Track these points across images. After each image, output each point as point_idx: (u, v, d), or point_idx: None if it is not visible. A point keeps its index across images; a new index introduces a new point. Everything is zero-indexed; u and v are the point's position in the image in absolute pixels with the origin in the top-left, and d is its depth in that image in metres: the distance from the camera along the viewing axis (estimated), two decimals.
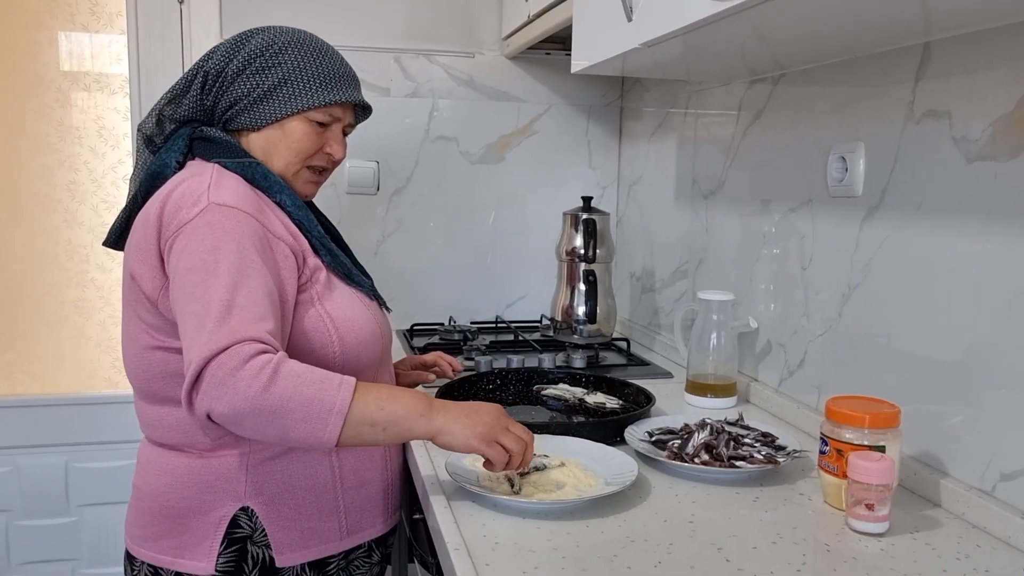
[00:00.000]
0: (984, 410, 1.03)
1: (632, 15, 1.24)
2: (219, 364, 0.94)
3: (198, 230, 1.05)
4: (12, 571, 2.12)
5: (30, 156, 2.07)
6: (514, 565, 0.88)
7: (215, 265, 1.02)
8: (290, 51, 1.19)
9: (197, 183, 1.11)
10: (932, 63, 1.11)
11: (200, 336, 0.97)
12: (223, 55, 1.19)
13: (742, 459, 1.17)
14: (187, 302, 1.01)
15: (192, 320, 0.99)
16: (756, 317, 1.56)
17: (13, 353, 2.14)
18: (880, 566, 0.90)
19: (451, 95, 2.18)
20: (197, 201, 1.08)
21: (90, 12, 2.05)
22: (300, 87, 1.18)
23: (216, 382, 0.94)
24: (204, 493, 1.13)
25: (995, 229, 1.01)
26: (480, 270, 2.26)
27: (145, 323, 1.13)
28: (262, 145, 1.20)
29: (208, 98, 1.19)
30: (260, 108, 1.18)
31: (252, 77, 1.18)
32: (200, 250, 1.04)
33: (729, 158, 1.67)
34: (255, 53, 1.18)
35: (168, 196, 1.10)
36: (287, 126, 1.19)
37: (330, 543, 1.18)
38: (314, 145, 1.21)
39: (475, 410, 1.06)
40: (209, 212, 1.07)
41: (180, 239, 1.06)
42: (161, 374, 1.13)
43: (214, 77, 1.18)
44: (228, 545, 1.13)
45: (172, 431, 1.15)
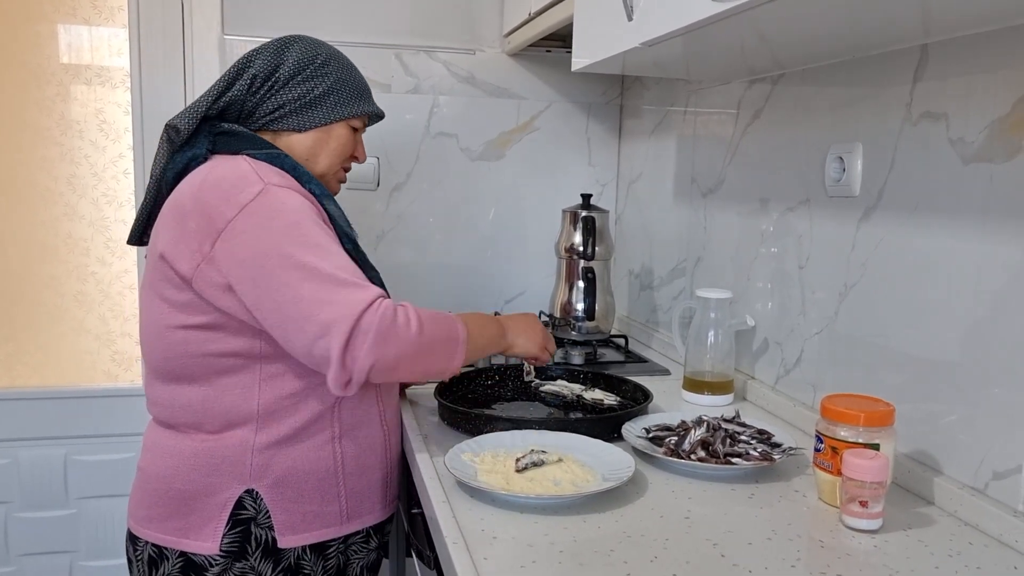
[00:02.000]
0: (978, 409, 1.04)
1: (632, 14, 1.24)
2: (376, 319, 1.05)
3: (268, 208, 1.11)
4: (11, 563, 2.13)
5: (31, 149, 2.07)
6: (511, 559, 0.89)
7: (306, 238, 1.10)
8: (333, 63, 1.30)
9: (236, 168, 1.15)
10: (930, 65, 1.12)
11: (333, 301, 1.05)
12: (267, 60, 1.26)
13: (738, 456, 1.18)
14: (289, 274, 1.07)
15: (307, 289, 1.06)
16: (753, 315, 1.57)
17: (13, 345, 2.15)
18: (873, 562, 0.91)
19: (452, 92, 2.18)
20: (252, 183, 1.13)
21: (91, 6, 2.05)
22: (345, 96, 1.30)
23: (380, 335, 1.05)
24: (210, 475, 1.17)
25: (990, 230, 1.02)
26: (479, 266, 2.27)
27: (170, 302, 1.15)
28: (308, 146, 1.28)
29: (254, 98, 1.25)
30: (310, 112, 1.27)
31: (303, 83, 1.26)
32: (282, 226, 1.10)
33: (728, 157, 1.68)
34: (304, 62, 1.27)
35: (203, 181, 1.14)
36: (334, 130, 1.30)
37: (331, 527, 1.22)
38: (351, 148, 1.34)
39: (528, 326, 1.37)
40: (270, 193, 1.12)
41: (247, 219, 1.10)
42: (181, 353, 1.16)
43: (263, 79, 1.25)
44: (233, 526, 1.17)
45: (183, 411, 1.18)
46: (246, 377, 1.17)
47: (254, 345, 1.16)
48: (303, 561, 1.19)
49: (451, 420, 1.35)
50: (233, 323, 1.14)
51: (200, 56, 2.04)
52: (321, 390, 1.19)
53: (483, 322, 1.27)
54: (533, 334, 1.36)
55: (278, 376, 1.17)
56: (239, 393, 1.17)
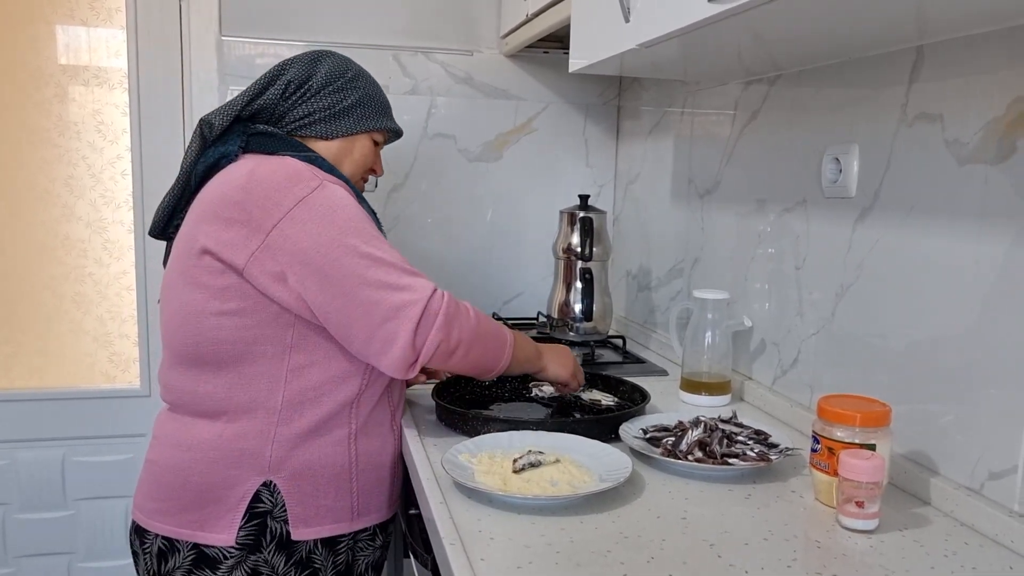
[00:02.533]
0: (974, 410, 1.04)
1: (629, 16, 1.25)
2: (442, 304, 1.15)
3: (328, 202, 1.16)
4: (9, 564, 2.12)
5: (29, 150, 2.07)
6: (509, 560, 0.89)
7: (366, 231, 1.17)
8: (362, 79, 1.36)
9: (283, 164, 1.20)
10: (925, 66, 1.12)
11: (402, 286, 1.14)
12: (301, 69, 1.31)
13: (735, 456, 1.18)
14: (357, 260, 1.14)
15: (375, 274, 1.13)
16: (750, 316, 1.57)
17: (11, 347, 2.15)
18: (869, 563, 0.91)
19: (449, 93, 2.19)
20: (309, 177, 1.18)
21: (89, 7, 2.05)
22: (371, 111, 1.36)
23: (449, 317, 1.15)
24: (229, 468, 1.19)
25: (986, 231, 1.02)
26: (477, 267, 2.27)
27: (208, 289, 1.18)
28: (333, 154, 1.33)
29: (285, 103, 1.30)
30: (337, 121, 1.32)
31: (334, 94, 1.32)
32: (342, 219, 1.16)
33: (725, 158, 1.68)
34: (336, 74, 1.33)
35: (252, 174, 1.18)
36: (358, 141, 1.36)
37: (342, 522, 1.24)
38: (371, 160, 1.40)
39: (560, 352, 1.41)
40: (327, 188, 1.18)
41: (305, 211, 1.15)
42: (213, 339, 1.19)
43: (296, 86, 1.30)
44: (250, 519, 1.19)
45: (205, 399, 1.20)
46: (274, 367, 1.19)
47: (286, 335, 1.19)
48: (314, 555, 1.21)
49: (449, 421, 1.35)
50: (270, 311, 1.17)
51: (198, 57, 2.04)
52: (343, 386, 1.22)
53: (524, 338, 1.34)
54: (567, 362, 1.40)
55: (304, 368, 1.20)
56: (265, 383, 1.19)
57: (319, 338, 1.20)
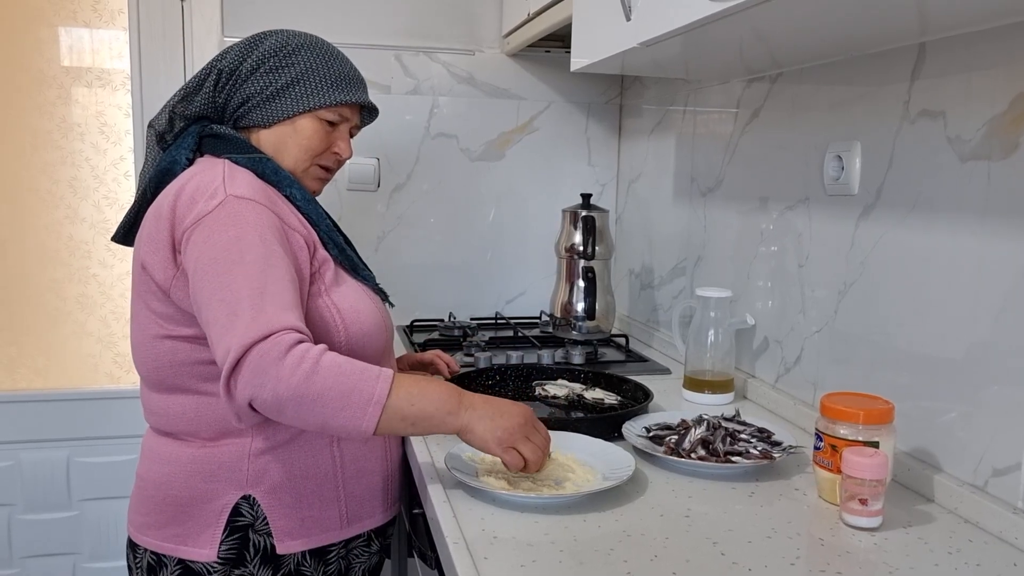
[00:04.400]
0: (977, 406, 1.04)
1: (631, 15, 1.25)
2: (261, 352, 0.97)
3: (219, 221, 1.07)
4: (14, 564, 2.13)
5: (32, 152, 2.08)
6: (512, 559, 0.90)
7: (240, 255, 1.04)
8: (303, 52, 1.23)
9: (210, 177, 1.13)
10: (927, 63, 1.12)
11: (235, 325, 0.99)
12: (237, 54, 1.22)
13: (738, 454, 1.18)
14: (214, 291, 1.03)
15: (222, 308, 1.01)
16: (753, 314, 1.57)
17: (15, 348, 2.15)
18: (873, 560, 0.91)
19: (451, 92, 2.19)
20: (215, 193, 1.10)
21: (92, 9, 2.06)
22: (312, 86, 1.22)
23: (260, 370, 0.97)
24: (207, 482, 1.15)
25: (989, 228, 1.02)
26: (480, 267, 2.27)
27: (155, 313, 1.14)
28: (273, 142, 1.23)
29: (220, 95, 1.22)
30: (272, 105, 1.21)
31: (265, 75, 1.21)
32: (223, 240, 1.06)
33: (727, 156, 1.68)
34: (268, 53, 1.21)
35: (181, 189, 1.12)
36: (298, 123, 1.22)
37: (330, 532, 1.20)
38: (323, 143, 1.25)
39: (501, 412, 1.07)
40: (228, 204, 1.09)
41: (200, 230, 1.07)
42: (170, 363, 1.14)
43: (227, 75, 1.21)
44: (230, 533, 1.15)
45: (177, 420, 1.17)
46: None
47: None
48: (303, 567, 1.18)
49: None
50: None
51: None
52: None
53: (427, 391, 1.04)
54: (502, 421, 1.06)
55: None
56: None
57: None
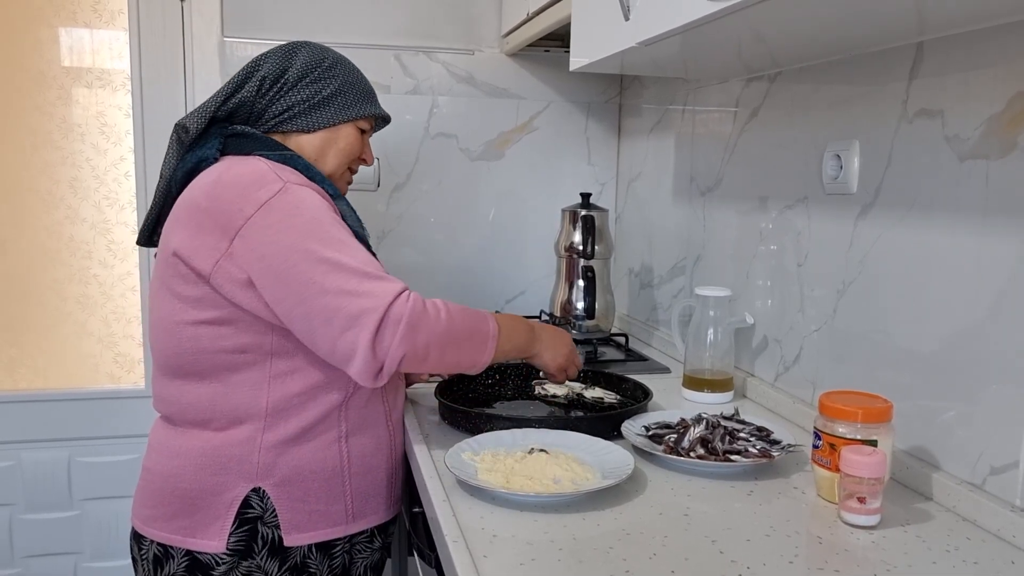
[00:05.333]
0: (975, 405, 1.04)
1: (629, 14, 1.25)
2: (405, 310, 1.08)
3: (289, 206, 1.13)
4: (16, 564, 2.14)
5: (33, 153, 2.08)
6: (511, 557, 0.90)
7: (327, 234, 1.12)
8: (340, 67, 1.33)
9: (251, 166, 1.17)
10: (925, 62, 1.12)
11: (361, 292, 1.07)
12: (276, 63, 1.28)
13: (737, 453, 1.18)
14: (315, 268, 1.09)
15: (334, 281, 1.08)
16: (753, 313, 1.57)
17: (16, 349, 2.16)
18: (871, 558, 0.92)
19: (451, 92, 2.19)
20: (271, 180, 1.15)
21: (92, 10, 2.06)
22: (352, 98, 1.32)
23: (412, 324, 1.08)
24: (218, 474, 1.18)
25: (987, 227, 1.02)
26: (480, 266, 2.27)
27: (183, 299, 1.16)
28: (317, 146, 1.30)
29: (262, 100, 1.28)
30: (318, 113, 1.29)
31: (311, 85, 1.29)
32: (303, 223, 1.12)
33: (727, 155, 1.68)
34: (311, 64, 1.29)
35: (218, 179, 1.16)
36: (341, 131, 1.32)
37: (336, 526, 1.23)
38: (358, 149, 1.36)
39: (559, 342, 1.36)
40: (290, 190, 1.15)
41: (268, 216, 1.12)
42: (192, 350, 1.17)
43: (272, 81, 1.27)
44: (239, 525, 1.18)
45: (191, 409, 1.19)
46: (256, 374, 1.18)
47: (265, 342, 1.17)
48: (309, 560, 1.20)
49: (451, 419, 1.36)
50: (246, 319, 1.16)
51: (200, 58, 2.05)
52: (329, 389, 1.20)
53: (515, 324, 1.28)
54: (561, 349, 1.36)
55: (288, 374, 1.19)
56: (248, 391, 1.18)
57: (300, 343, 1.16)
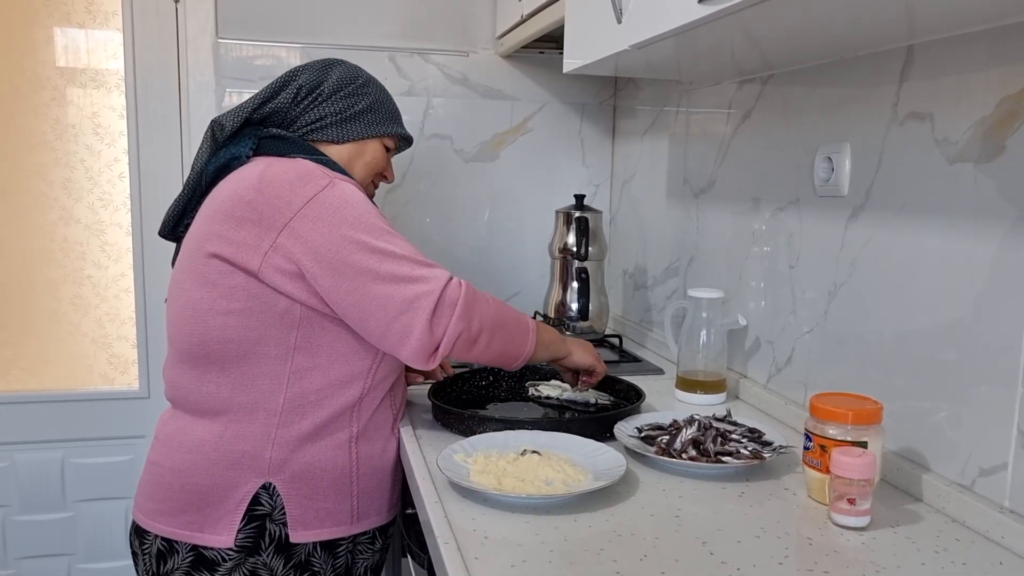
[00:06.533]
0: (965, 407, 1.05)
1: (622, 17, 1.25)
2: (458, 293, 1.15)
3: (338, 199, 1.17)
4: (9, 566, 2.13)
5: (27, 154, 2.08)
6: (502, 559, 0.90)
7: (376, 227, 1.17)
8: (372, 86, 1.39)
9: (295, 164, 1.22)
10: (915, 65, 1.13)
11: (416, 278, 1.14)
12: (313, 75, 1.34)
13: (729, 455, 1.18)
14: (369, 256, 1.14)
15: (388, 268, 1.14)
16: (745, 314, 1.57)
17: (10, 350, 2.15)
18: (861, 559, 0.92)
19: (445, 94, 2.19)
20: (319, 176, 1.19)
21: (86, 10, 2.06)
22: (381, 116, 1.38)
23: (467, 305, 1.15)
24: (230, 470, 1.19)
25: (976, 230, 1.03)
26: (475, 267, 2.27)
27: (216, 287, 1.19)
28: (344, 157, 1.35)
29: (297, 108, 1.32)
30: (349, 125, 1.34)
31: (345, 99, 1.34)
32: (352, 215, 1.17)
33: (720, 157, 1.69)
34: (347, 79, 1.35)
35: (263, 174, 1.19)
36: (368, 145, 1.37)
37: (342, 526, 1.25)
38: (382, 165, 1.41)
39: (587, 346, 1.42)
40: (338, 186, 1.19)
41: (316, 208, 1.16)
42: (218, 339, 1.19)
43: (308, 91, 1.33)
44: (249, 521, 1.19)
45: (208, 398, 1.21)
46: (276, 368, 1.19)
47: (290, 337, 1.19)
48: (313, 558, 1.22)
49: (444, 421, 1.36)
50: (275, 311, 1.18)
51: (194, 59, 2.05)
52: (345, 389, 1.22)
53: (546, 326, 1.33)
54: (591, 350, 1.42)
55: (307, 371, 1.21)
56: (267, 384, 1.20)
57: (323, 341, 1.21)
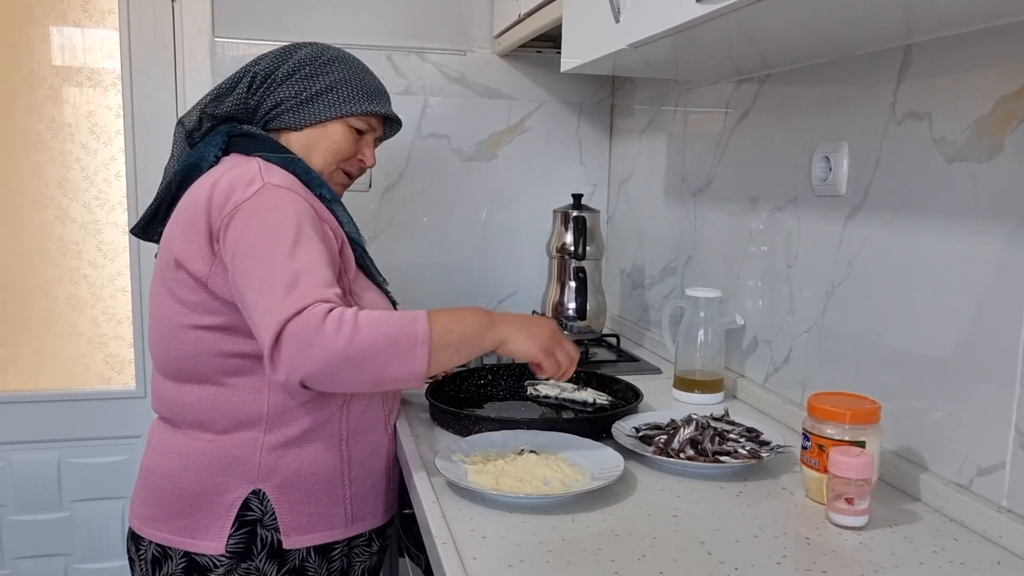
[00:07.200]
0: (963, 406, 1.05)
1: (619, 16, 1.25)
2: (299, 327, 1.01)
3: (257, 207, 1.12)
4: (5, 566, 2.13)
5: (23, 153, 2.07)
6: (500, 559, 0.90)
7: (276, 238, 1.09)
8: (337, 63, 1.29)
9: (246, 169, 1.17)
10: (913, 65, 1.12)
11: (271, 303, 1.03)
12: (272, 60, 1.27)
13: (727, 454, 1.18)
14: (254, 274, 1.07)
15: (262, 290, 1.05)
16: (743, 314, 1.57)
17: (6, 349, 2.15)
18: (859, 559, 0.92)
19: (443, 93, 2.19)
20: (252, 181, 1.14)
21: (81, 9, 2.05)
22: (344, 95, 1.28)
23: (302, 345, 1.01)
24: (219, 475, 1.17)
25: (974, 229, 1.03)
26: (472, 266, 2.27)
27: (184, 303, 1.16)
28: (303, 144, 1.28)
29: (253, 97, 1.26)
30: (305, 109, 1.27)
31: (300, 81, 1.27)
32: (261, 225, 1.10)
33: (717, 156, 1.68)
34: (304, 61, 1.27)
35: (216, 182, 1.15)
36: (329, 128, 1.28)
37: (335, 529, 1.23)
38: (350, 149, 1.31)
39: (534, 322, 1.17)
40: (265, 192, 1.13)
41: (238, 217, 1.11)
42: (193, 353, 1.17)
43: (262, 78, 1.26)
44: (239, 527, 1.17)
45: (192, 410, 1.19)
46: (257, 379, 1.18)
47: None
48: (307, 563, 1.20)
49: (442, 420, 1.36)
50: (246, 323, 1.15)
51: (191, 58, 2.04)
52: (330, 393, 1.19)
53: (460, 315, 1.11)
54: (537, 329, 1.15)
55: None
56: (249, 394, 1.18)
57: None
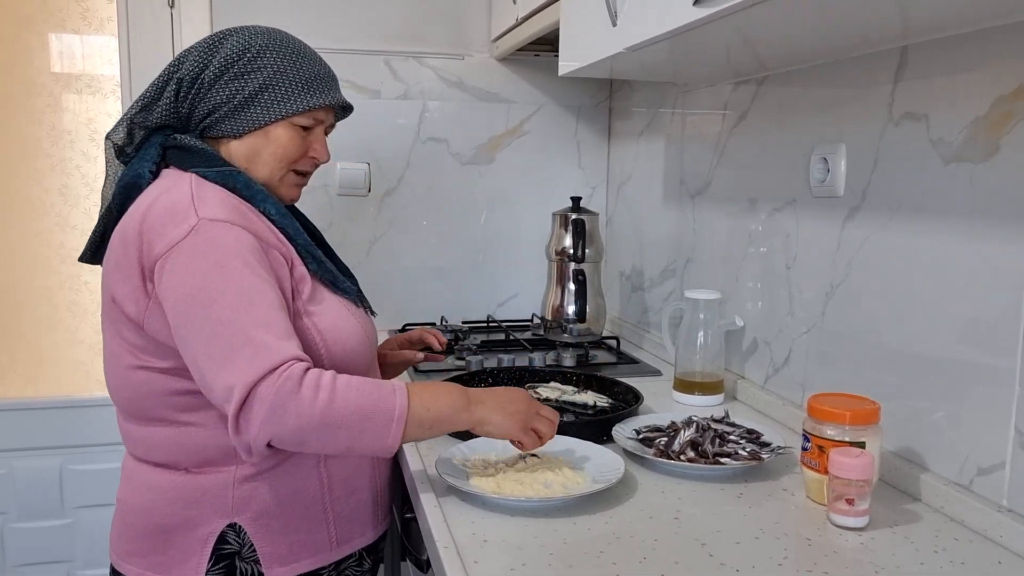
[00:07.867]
0: (963, 406, 1.05)
1: (617, 20, 1.25)
2: (274, 389, 0.94)
3: (195, 249, 1.01)
4: (7, 573, 2.13)
5: (23, 160, 2.08)
6: (502, 562, 0.90)
7: (225, 284, 0.99)
8: (268, 54, 1.15)
9: (178, 196, 1.06)
10: (910, 66, 1.13)
11: (236, 360, 0.95)
12: (196, 60, 1.14)
13: (727, 456, 1.19)
14: (203, 325, 0.98)
15: (215, 344, 0.97)
16: (742, 315, 1.58)
17: (7, 356, 2.15)
18: (860, 559, 0.92)
19: (441, 97, 2.19)
20: (185, 217, 1.03)
21: (80, 17, 2.06)
22: (282, 92, 1.14)
23: (277, 407, 0.94)
24: (190, 508, 1.10)
25: (972, 229, 1.03)
26: (471, 270, 2.27)
27: (128, 343, 1.09)
28: (245, 153, 1.16)
29: (183, 105, 1.14)
30: (242, 115, 1.14)
31: (231, 83, 1.13)
32: (203, 269, 1.00)
33: (716, 158, 1.69)
34: (232, 58, 1.13)
35: (147, 211, 1.06)
36: (271, 133, 1.15)
37: (320, 555, 1.16)
38: (299, 150, 1.18)
39: (508, 399, 1.10)
40: (202, 229, 1.03)
41: (175, 259, 1.01)
42: (146, 394, 1.10)
43: (189, 84, 1.13)
44: (216, 562, 1.10)
45: (158, 450, 1.12)
46: (217, 413, 1.07)
47: None
48: None
49: None
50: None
51: None
52: None
53: (439, 392, 1.07)
54: (514, 406, 1.10)
55: None
56: (212, 431, 1.09)
57: None
